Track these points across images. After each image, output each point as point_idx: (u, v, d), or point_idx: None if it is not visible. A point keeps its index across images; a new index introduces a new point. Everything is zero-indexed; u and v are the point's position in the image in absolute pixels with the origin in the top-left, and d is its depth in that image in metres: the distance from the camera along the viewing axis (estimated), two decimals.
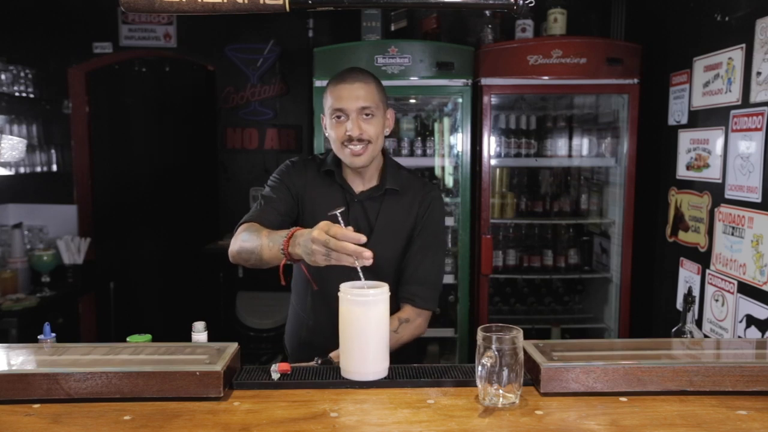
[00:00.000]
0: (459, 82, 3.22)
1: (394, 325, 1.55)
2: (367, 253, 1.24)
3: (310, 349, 1.69)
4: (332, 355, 1.42)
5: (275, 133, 4.16)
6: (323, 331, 1.34)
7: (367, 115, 1.58)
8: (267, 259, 1.45)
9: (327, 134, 1.68)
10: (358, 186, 1.70)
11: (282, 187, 1.68)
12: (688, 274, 2.66)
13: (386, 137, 1.76)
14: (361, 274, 1.29)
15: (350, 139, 1.58)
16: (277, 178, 1.71)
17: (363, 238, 1.25)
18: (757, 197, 2.16)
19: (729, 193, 2.35)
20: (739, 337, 2.25)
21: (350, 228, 1.28)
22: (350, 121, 1.57)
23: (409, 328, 1.61)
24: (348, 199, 1.68)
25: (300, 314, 1.76)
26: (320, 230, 1.26)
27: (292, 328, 1.81)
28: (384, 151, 1.74)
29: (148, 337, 1.43)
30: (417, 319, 1.64)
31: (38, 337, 1.41)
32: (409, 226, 1.70)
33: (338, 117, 1.59)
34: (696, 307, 2.50)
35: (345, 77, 1.60)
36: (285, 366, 1.29)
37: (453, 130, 3.45)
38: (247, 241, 1.50)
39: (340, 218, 1.34)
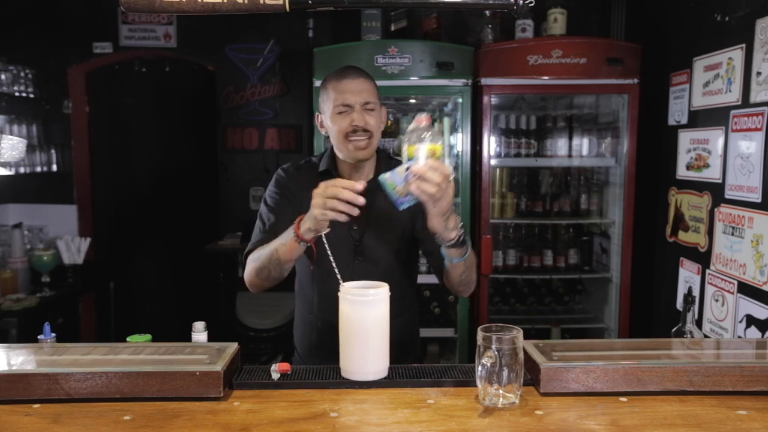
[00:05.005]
0: (459, 82, 3.21)
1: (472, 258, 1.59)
2: (361, 200, 1.35)
3: (321, 351, 1.69)
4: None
5: (275, 133, 4.16)
6: (333, 331, 1.34)
7: (369, 109, 1.63)
8: (284, 258, 1.51)
9: (324, 131, 1.69)
10: None
11: (281, 200, 1.69)
12: (688, 274, 2.66)
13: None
14: (338, 273, 1.38)
15: (355, 131, 1.61)
16: (274, 192, 1.71)
17: (358, 186, 1.36)
18: (757, 197, 2.16)
19: (729, 193, 2.35)
20: (739, 337, 2.25)
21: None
22: (355, 113, 1.61)
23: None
24: None
25: (308, 316, 1.75)
26: (320, 186, 1.39)
27: (300, 332, 1.80)
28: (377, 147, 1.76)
29: (148, 337, 1.43)
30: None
31: (38, 337, 1.41)
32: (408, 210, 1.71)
33: (342, 111, 1.63)
34: (696, 307, 2.50)
35: (347, 73, 1.65)
36: (285, 366, 1.30)
37: (453, 130, 3.44)
38: (258, 259, 1.57)
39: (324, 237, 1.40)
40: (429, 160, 1.32)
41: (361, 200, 1.35)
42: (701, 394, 1.21)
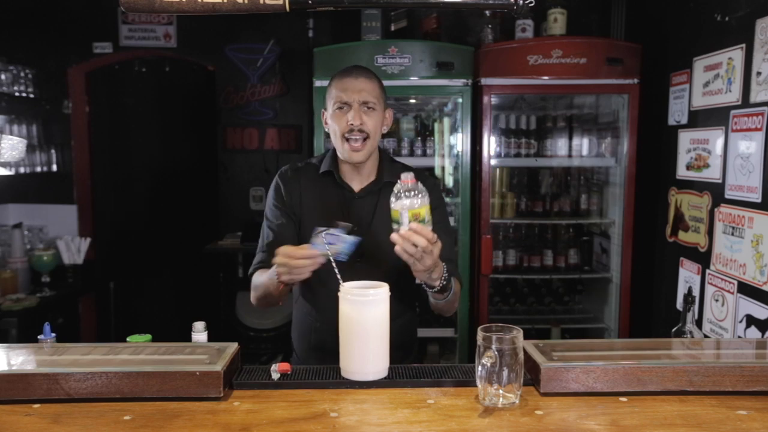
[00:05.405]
0: (459, 82, 3.21)
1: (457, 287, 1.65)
2: (321, 261, 1.41)
3: (320, 352, 1.69)
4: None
5: (275, 133, 4.16)
6: (332, 332, 1.34)
7: (368, 108, 1.63)
8: (274, 293, 1.56)
9: (327, 129, 1.70)
10: (357, 184, 1.71)
11: (279, 213, 1.69)
12: (688, 274, 2.66)
13: (386, 137, 1.79)
14: (338, 273, 1.38)
15: (351, 131, 1.61)
16: (272, 204, 1.72)
17: (316, 254, 1.40)
18: (757, 197, 2.16)
19: (729, 193, 2.35)
20: (739, 337, 2.25)
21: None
22: (352, 112, 1.61)
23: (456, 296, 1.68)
24: (347, 197, 1.69)
25: (306, 317, 1.75)
26: (279, 255, 1.43)
27: (299, 332, 1.80)
28: (379, 148, 1.76)
29: (148, 337, 1.43)
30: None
31: (38, 337, 1.41)
32: None
33: (340, 108, 1.63)
34: (696, 307, 2.50)
35: (350, 72, 1.66)
36: (285, 366, 1.30)
37: (453, 130, 3.44)
38: (257, 288, 1.65)
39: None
40: (413, 224, 1.35)
41: (321, 261, 1.41)
42: (701, 394, 1.21)
